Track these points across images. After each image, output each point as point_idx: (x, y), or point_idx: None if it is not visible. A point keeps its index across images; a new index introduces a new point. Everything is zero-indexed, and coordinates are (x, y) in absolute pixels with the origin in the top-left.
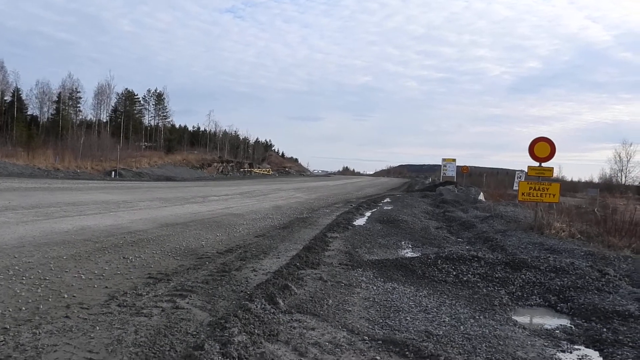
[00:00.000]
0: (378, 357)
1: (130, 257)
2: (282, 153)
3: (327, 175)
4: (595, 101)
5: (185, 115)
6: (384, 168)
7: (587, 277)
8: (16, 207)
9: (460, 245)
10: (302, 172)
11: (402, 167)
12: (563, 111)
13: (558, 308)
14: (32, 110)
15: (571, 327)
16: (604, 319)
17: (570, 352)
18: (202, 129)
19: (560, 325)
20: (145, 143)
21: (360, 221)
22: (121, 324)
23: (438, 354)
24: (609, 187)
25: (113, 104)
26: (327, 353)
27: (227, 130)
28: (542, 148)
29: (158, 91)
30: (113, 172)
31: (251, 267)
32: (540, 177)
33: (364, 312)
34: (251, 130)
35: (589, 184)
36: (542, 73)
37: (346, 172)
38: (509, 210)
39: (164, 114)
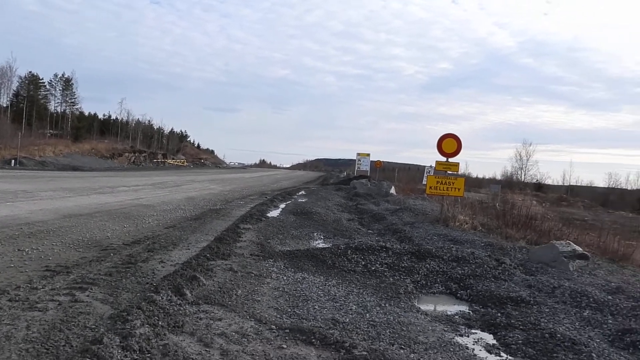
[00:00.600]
0: (285, 346)
1: (27, 250)
2: (198, 144)
3: (243, 167)
4: (500, 103)
5: (96, 102)
6: (301, 162)
7: (485, 266)
8: None
9: (370, 237)
10: (218, 164)
11: (318, 160)
12: (470, 111)
13: (458, 295)
14: None
15: (469, 312)
16: (499, 304)
17: (468, 336)
18: (113, 117)
19: (460, 311)
20: (51, 131)
21: (274, 213)
22: (11, 319)
23: (343, 341)
24: (510, 183)
25: (15, 88)
26: (234, 343)
27: (140, 119)
28: (449, 144)
29: (66, 76)
30: (13, 161)
31: (159, 259)
32: (447, 171)
33: (273, 302)
34: (166, 120)
35: (492, 181)
36: (453, 74)
37: (263, 165)
38: (418, 203)
39: (72, 100)
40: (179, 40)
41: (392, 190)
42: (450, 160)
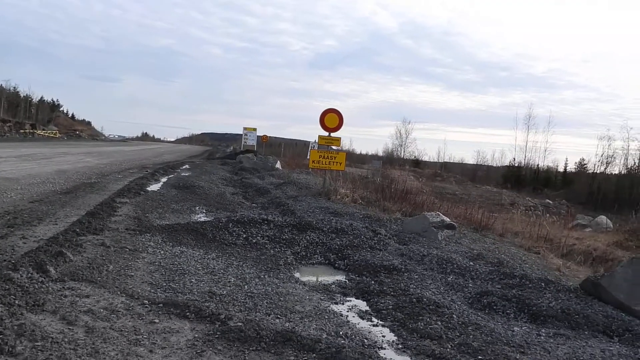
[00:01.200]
0: (157, 320)
1: None
2: (73, 115)
3: (124, 140)
4: (382, 82)
5: None
6: (186, 135)
7: (362, 237)
8: None
9: (253, 210)
10: (95, 136)
11: (204, 135)
12: (355, 89)
13: (336, 265)
14: None
15: (345, 281)
16: (373, 273)
17: (342, 304)
18: None
19: (337, 280)
20: None
21: (154, 187)
22: None
23: (219, 313)
24: (390, 160)
25: None
26: (101, 320)
27: (4, 85)
28: (331, 119)
29: None
30: None
31: (20, 235)
32: (329, 146)
33: (148, 277)
34: (35, 88)
35: (374, 157)
36: (338, 51)
37: (146, 138)
38: (302, 177)
39: None
40: (49, 2)
41: (278, 165)
42: (332, 135)
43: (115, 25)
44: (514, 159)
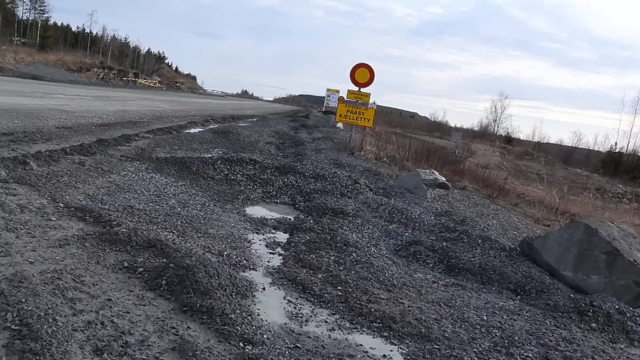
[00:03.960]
0: (54, 219)
1: None
2: (176, 68)
3: (221, 96)
4: (486, 54)
5: (69, 13)
6: (284, 96)
7: (338, 184)
8: None
9: (264, 155)
10: (194, 89)
11: (301, 96)
12: (457, 60)
13: (296, 206)
14: None
15: (290, 219)
16: (322, 214)
17: (262, 234)
18: (87, 31)
19: (282, 217)
20: (19, 38)
21: (194, 130)
22: None
23: (113, 220)
24: (482, 134)
25: None
26: (4, 211)
27: (115, 35)
28: (362, 74)
29: None
30: None
31: (15, 148)
32: (357, 100)
33: (92, 191)
34: (143, 40)
35: (469, 131)
36: (443, 19)
37: (245, 95)
38: (347, 135)
39: (41, 8)
40: None
41: (340, 125)
42: (362, 90)
43: None
44: (615, 143)
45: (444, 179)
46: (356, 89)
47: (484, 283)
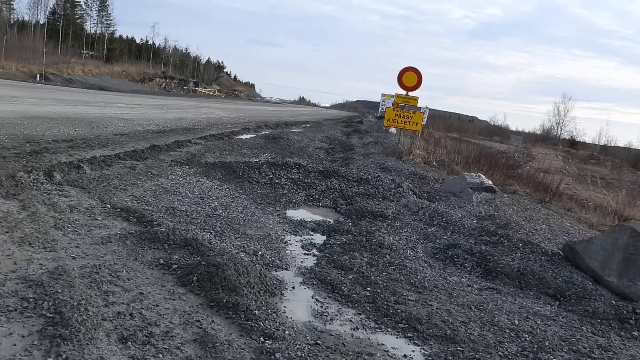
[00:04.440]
0: (100, 218)
1: None
2: (235, 76)
3: (278, 103)
4: (548, 54)
5: (132, 27)
6: (340, 102)
7: (381, 188)
8: None
9: (312, 160)
10: (252, 97)
11: (358, 102)
12: (517, 62)
13: (338, 209)
14: None
15: (329, 221)
16: (361, 216)
17: (300, 236)
18: (150, 42)
19: (322, 220)
20: (87, 51)
21: (246, 136)
22: None
23: (154, 220)
24: (544, 138)
25: (51, 6)
26: (55, 211)
27: (177, 46)
28: (409, 77)
29: None
30: (38, 76)
31: (73, 153)
32: (406, 104)
33: (140, 193)
34: (203, 50)
35: (530, 135)
36: (502, 20)
37: (302, 102)
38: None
39: (108, 22)
40: None
41: (392, 130)
42: (410, 94)
43: None
44: None
45: (490, 182)
46: (404, 92)
47: (522, 288)
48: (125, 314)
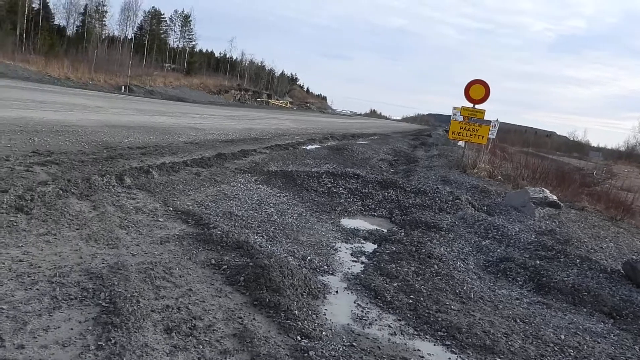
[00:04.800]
0: (161, 220)
1: (36, 139)
2: (307, 88)
3: (349, 115)
4: (637, 68)
5: (212, 41)
6: (411, 115)
7: (438, 200)
8: None
9: (374, 172)
10: (323, 109)
11: (430, 115)
12: (601, 75)
13: (393, 219)
14: (59, 20)
15: (382, 230)
16: (414, 227)
17: (351, 244)
18: (228, 56)
19: (375, 229)
20: (170, 65)
21: (312, 146)
22: None
23: (211, 223)
24: (629, 155)
25: (139, 22)
26: (122, 212)
27: (252, 59)
28: (477, 90)
29: (185, 12)
30: (123, 87)
31: (145, 159)
32: (472, 117)
33: (201, 198)
34: (278, 63)
35: (613, 151)
36: (585, 33)
37: (373, 114)
38: (465, 153)
39: (189, 36)
40: None
41: (461, 143)
42: (476, 106)
43: (351, 4)
44: None
45: (555, 197)
46: (470, 105)
47: (575, 304)
48: (173, 308)
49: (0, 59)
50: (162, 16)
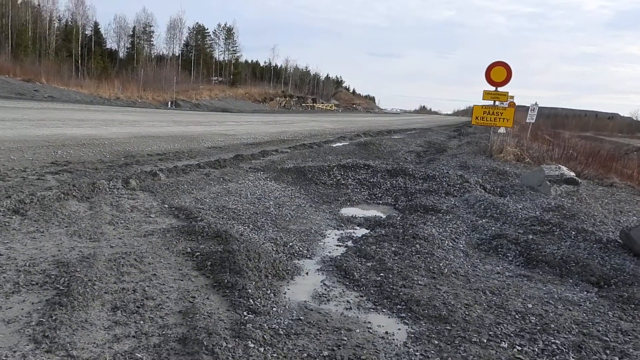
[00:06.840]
0: (153, 216)
1: (60, 152)
2: (353, 90)
3: (397, 113)
4: None
5: (257, 51)
6: (463, 108)
7: (445, 184)
8: (24, 119)
9: (397, 162)
10: (370, 109)
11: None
12: None
13: (397, 205)
14: (110, 44)
15: (381, 217)
16: (413, 211)
17: (342, 230)
18: (273, 64)
19: (375, 216)
20: (218, 78)
21: (340, 143)
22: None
23: (197, 217)
24: None
25: (184, 39)
26: (117, 210)
27: (297, 65)
28: (498, 72)
29: (228, 26)
30: (170, 103)
31: (158, 164)
32: (495, 101)
33: (202, 195)
34: (322, 66)
35: None
36: None
37: (422, 110)
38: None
39: (234, 48)
40: None
41: (501, 130)
42: (499, 89)
43: (398, 2)
44: None
45: (572, 174)
46: (492, 88)
47: (562, 275)
48: (129, 290)
49: (55, 85)
50: (207, 31)
